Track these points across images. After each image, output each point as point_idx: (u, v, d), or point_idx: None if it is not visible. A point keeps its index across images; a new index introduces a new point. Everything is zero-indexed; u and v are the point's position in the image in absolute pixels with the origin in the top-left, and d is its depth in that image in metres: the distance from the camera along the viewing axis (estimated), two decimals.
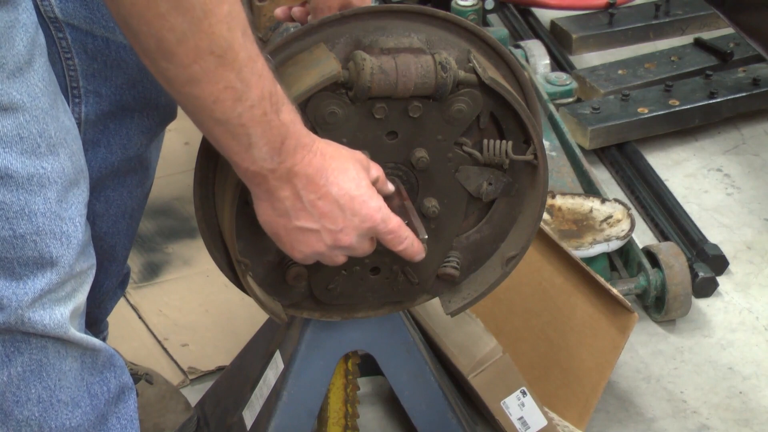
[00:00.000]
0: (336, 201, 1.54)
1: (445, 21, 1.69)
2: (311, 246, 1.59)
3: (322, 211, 1.54)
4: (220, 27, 1.36)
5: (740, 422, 2.37)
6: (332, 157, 1.54)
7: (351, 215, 1.56)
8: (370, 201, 1.57)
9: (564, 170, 2.79)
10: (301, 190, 1.52)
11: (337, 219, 1.56)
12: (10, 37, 1.43)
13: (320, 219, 1.55)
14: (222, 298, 2.59)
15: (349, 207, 1.55)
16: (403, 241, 1.62)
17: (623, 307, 2.28)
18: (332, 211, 1.55)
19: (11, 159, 1.46)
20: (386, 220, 1.59)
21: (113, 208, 1.99)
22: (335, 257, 1.62)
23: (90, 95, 1.86)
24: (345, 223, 1.56)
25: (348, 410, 2.04)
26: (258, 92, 1.42)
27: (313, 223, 1.56)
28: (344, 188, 1.54)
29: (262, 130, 1.45)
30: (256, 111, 1.43)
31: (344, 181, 1.54)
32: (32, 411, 1.60)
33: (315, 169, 1.52)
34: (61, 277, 1.54)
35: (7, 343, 1.55)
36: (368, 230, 1.59)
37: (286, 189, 1.52)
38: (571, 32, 3.59)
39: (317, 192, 1.53)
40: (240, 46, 1.39)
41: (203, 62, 1.37)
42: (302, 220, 1.55)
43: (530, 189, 1.80)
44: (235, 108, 1.42)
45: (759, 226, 2.91)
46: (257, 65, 1.42)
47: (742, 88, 3.23)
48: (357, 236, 1.59)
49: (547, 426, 2.21)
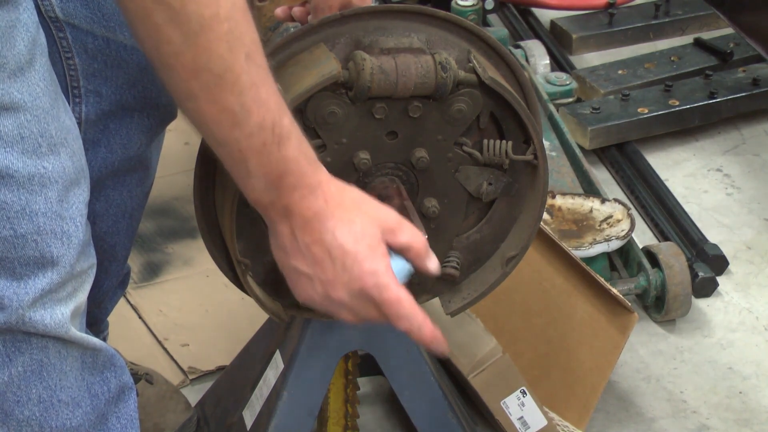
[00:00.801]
0: (328, 250, 1.47)
1: (445, 21, 1.69)
2: (306, 291, 1.53)
3: (315, 257, 1.48)
4: (218, 45, 1.34)
5: (740, 422, 2.37)
6: (339, 205, 1.47)
7: (341, 270, 1.47)
8: (364, 261, 1.47)
9: (564, 170, 2.79)
10: (296, 230, 1.47)
11: (327, 270, 1.48)
12: (11, 37, 1.43)
13: (313, 265, 1.49)
14: (222, 298, 2.59)
15: (340, 260, 1.47)
16: (403, 318, 1.49)
17: (623, 307, 2.28)
18: (324, 260, 1.47)
19: (12, 159, 1.46)
20: (381, 287, 1.47)
21: (113, 208, 1.99)
22: (336, 312, 1.53)
23: (90, 95, 1.86)
24: (335, 276, 1.48)
25: (348, 410, 2.04)
26: (258, 120, 1.38)
27: (307, 267, 1.50)
28: (339, 240, 1.46)
29: (258, 161, 1.41)
30: (255, 140, 1.39)
31: (343, 233, 1.46)
32: (33, 411, 1.60)
33: (313, 213, 1.46)
34: (62, 276, 1.54)
35: (7, 343, 1.55)
36: (359, 292, 1.48)
37: (284, 225, 1.48)
38: (571, 32, 3.59)
39: (311, 236, 1.47)
40: (241, 69, 1.36)
41: (201, 79, 1.35)
42: (297, 261, 1.50)
43: (530, 189, 1.80)
44: (233, 133, 1.38)
45: (759, 226, 2.91)
46: (261, 92, 1.38)
47: (742, 88, 3.23)
48: (349, 294, 1.49)
49: (547, 426, 2.21)
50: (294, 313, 1.85)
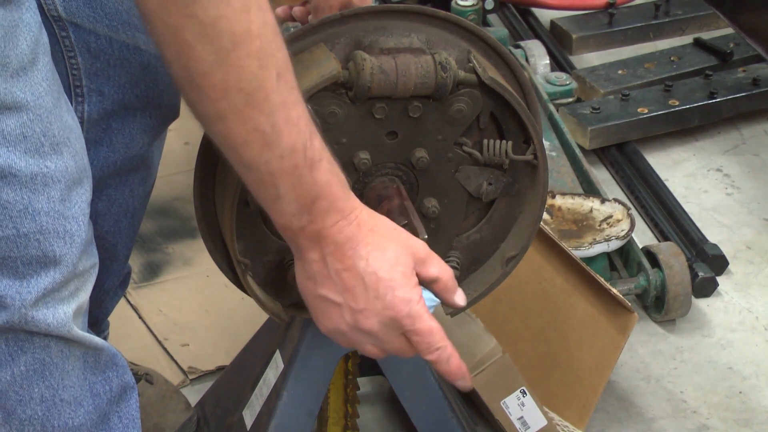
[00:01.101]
0: (361, 277, 1.44)
1: (445, 21, 1.70)
2: (333, 321, 1.50)
3: (346, 284, 1.45)
4: (249, 62, 1.32)
5: (740, 422, 2.37)
6: (372, 231, 1.45)
7: (374, 298, 1.45)
8: (399, 289, 1.44)
9: (564, 170, 2.79)
10: (327, 257, 1.45)
11: (359, 297, 1.45)
12: (13, 37, 1.43)
13: (343, 293, 1.46)
14: (222, 298, 2.59)
15: (373, 288, 1.44)
16: (434, 352, 1.48)
17: (623, 307, 2.28)
18: (355, 287, 1.45)
19: (15, 158, 1.46)
20: (414, 317, 1.46)
21: (115, 207, 1.99)
22: (362, 343, 1.51)
23: (93, 94, 1.86)
24: (366, 304, 1.45)
25: (348, 410, 2.04)
26: (290, 142, 1.37)
27: (336, 296, 1.47)
28: (373, 266, 1.44)
29: (291, 184, 1.39)
30: (286, 162, 1.37)
31: (376, 259, 1.44)
32: (35, 410, 1.60)
33: (346, 238, 1.43)
34: (64, 276, 1.54)
35: (10, 342, 1.55)
36: (391, 321, 1.46)
37: (314, 251, 1.45)
38: (571, 32, 3.59)
39: (344, 262, 1.44)
40: (272, 88, 1.34)
41: (231, 98, 1.32)
42: (326, 289, 1.47)
43: (530, 189, 1.80)
44: (263, 155, 1.36)
45: (759, 226, 2.91)
46: (292, 113, 1.37)
47: (742, 88, 3.23)
48: (379, 324, 1.46)
49: (547, 426, 2.21)
50: (294, 313, 1.85)
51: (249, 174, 1.40)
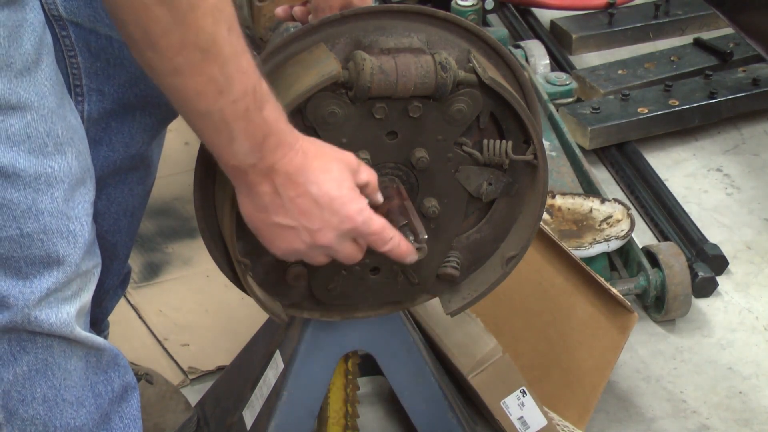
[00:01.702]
0: (315, 200, 1.53)
1: (445, 21, 1.70)
2: (289, 243, 1.57)
3: (301, 209, 1.53)
4: (205, 20, 1.36)
5: (740, 422, 2.37)
6: (315, 156, 1.53)
7: (330, 215, 1.54)
8: (350, 203, 1.55)
9: (564, 170, 2.79)
10: (279, 187, 1.51)
11: (314, 218, 1.54)
12: (17, 37, 1.44)
13: (298, 217, 1.54)
14: (222, 298, 2.59)
15: (327, 207, 1.54)
16: (388, 242, 1.60)
17: (623, 307, 2.28)
18: (311, 209, 1.53)
19: (19, 158, 1.46)
20: (367, 221, 1.57)
21: (115, 206, 2.00)
22: (315, 256, 1.61)
23: (93, 93, 1.86)
24: (323, 222, 1.54)
25: (348, 410, 2.04)
26: (241, 88, 1.42)
27: (291, 221, 1.54)
28: (324, 188, 1.53)
29: (243, 125, 1.44)
30: (239, 106, 1.43)
31: (325, 180, 1.53)
32: (37, 410, 1.60)
33: (295, 168, 1.51)
34: (67, 276, 1.54)
35: (13, 342, 1.55)
36: (348, 231, 1.57)
37: (265, 185, 1.51)
38: (571, 32, 3.59)
39: (296, 190, 1.52)
40: (224, 41, 1.39)
41: (187, 54, 1.37)
42: (280, 217, 1.54)
43: (530, 189, 1.80)
44: (217, 102, 1.41)
45: (759, 226, 2.91)
46: (242, 61, 1.42)
47: (742, 88, 3.23)
48: (336, 236, 1.57)
49: (547, 426, 2.21)
50: (294, 314, 1.85)
51: (202, 121, 1.44)
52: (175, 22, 1.35)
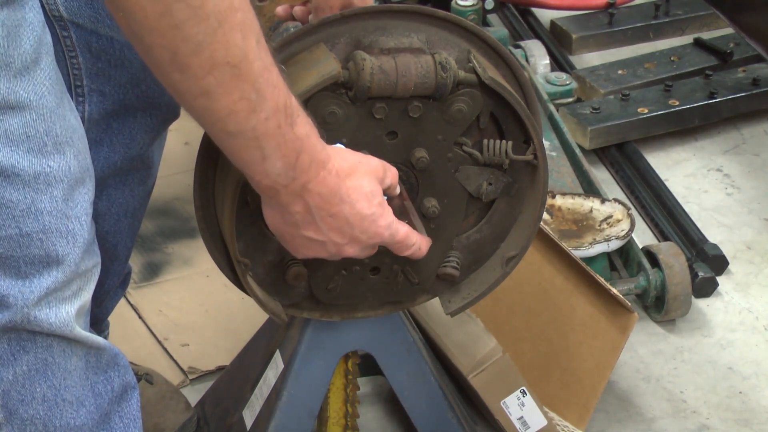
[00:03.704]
0: (347, 220, 1.55)
1: (445, 21, 1.70)
2: (315, 252, 1.60)
3: (331, 226, 1.55)
4: (234, 35, 1.33)
5: (740, 422, 2.37)
6: (348, 175, 1.53)
7: (360, 232, 1.57)
8: (380, 220, 1.57)
9: (564, 170, 2.79)
10: (313, 208, 1.52)
11: (345, 234, 1.57)
12: (17, 36, 1.44)
13: (328, 233, 1.56)
14: (222, 298, 2.59)
15: (358, 226, 1.56)
16: (411, 247, 1.63)
17: (623, 307, 2.28)
18: (342, 227, 1.56)
19: (18, 157, 1.46)
20: (394, 234, 1.60)
21: (115, 207, 2.00)
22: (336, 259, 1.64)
23: (94, 94, 1.86)
24: (352, 238, 1.57)
25: (348, 410, 2.04)
26: (273, 104, 1.40)
27: (321, 236, 1.56)
28: (357, 207, 1.54)
29: (276, 143, 1.43)
30: (271, 123, 1.40)
31: (357, 200, 1.54)
32: (37, 410, 1.60)
33: (329, 189, 1.51)
34: (67, 275, 1.54)
35: (12, 341, 1.55)
36: (375, 244, 1.61)
37: (298, 204, 1.52)
38: (571, 32, 3.59)
39: (329, 210, 1.53)
40: (255, 55, 1.36)
41: (218, 73, 1.34)
42: (310, 232, 1.56)
43: (530, 189, 1.80)
44: (249, 120, 1.39)
45: (759, 226, 2.91)
46: (272, 75, 1.39)
47: (742, 88, 3.23)
48: (361, 248, 1.61)
49: (547, 426, 2.21)
50: (294, 313, 1.85)
51: (234, 141, 1.42)
52: (206, 40, 1.32)
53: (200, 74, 1.34)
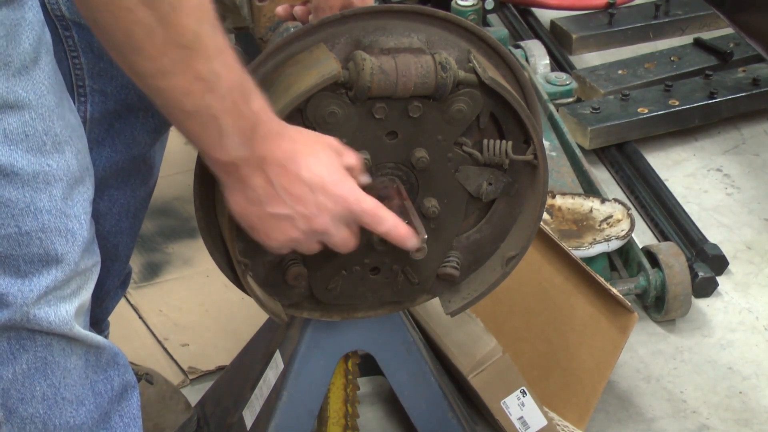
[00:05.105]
0: (308, 185, 1.53)
1: (445, 21, 1.70)
2: (286, 233, 1.56)
3: (294, 195, 1.53)
4: (188, 20, 1.37)
5: (740, 422, 2.37)
6: (303, 143, 1.54)
7: (323, 198, 1.54)
8: (341, 183, 1.55)
9: (564, 170, 2.79)
10: (272, 177, 1.51)
11: (309, 203, 1.53)
12: (16, 35, 1.44)
13: (293, 204, 1.53)
14: (222, 298, 2.59)
15: (321, 190, 1.53)
16: (384, 222, 1.59)
17: (623, 307, 2.28)
18: (304, 195, 1.53)
19: (17, 156, 1.46)
20: (360, 200, 1.56)
21: (117, 207, 2.00)
22: (311, 244, 1.60)
23: (95, 94, 1.86)
24: (317, 206, 1.54)
25: (348, 410, 2.04)
26: (227, 83, 1.42)
27: (286, 209, 1.53)
28: (315, 171, 1.53)
29: (233, 119, 1.44)
30: (227, 101, 1.43)
31: (315, 164, 1.53)
32: (37, 408, 1.61)
33: (286, 155, 1.51)
34: (66, 274, 1.54)
35: (12, 340, 1.55)
36: (342, 212, 1.56)
37: (257, 177, 1.51)
38: (571, 32, 3.59)
39: (288, 177, 1.52)
40: (209, 38, 1.39)
41: (172, 55, 1.37)
42: (274, 206, 1.53)
43: (530, 189, 1.80)
44: (205, 99, 1.41)
45: (759, 226, 2.91)
46: (226, 57, 1.42)
47: (742, 88, 3.23)
48: (331, 220, 1.56)
49: (547, 426, 2.21)
50: (294, 313, 1.85)
51: (190, 121, 1.44)
52: (158, 23, 1.35)
53: (155, 55, 1.37)
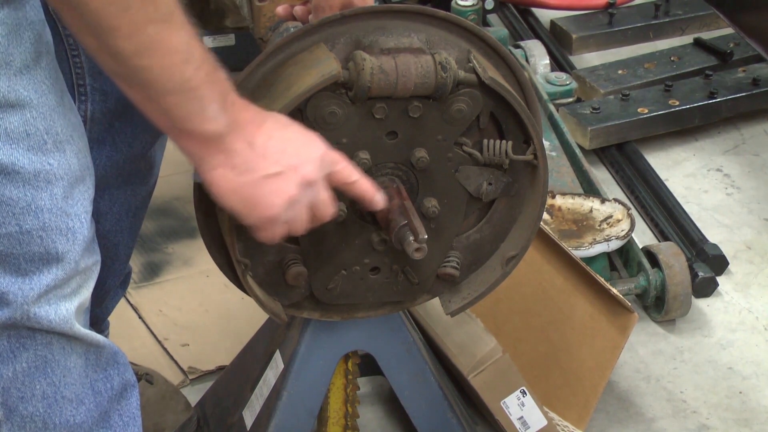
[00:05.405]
0: (285, 137, 1.54)
1: (445, 21, 1.70)
2: (283, 192, 1.54)
3: (277, 149, 1.53)
4: None
5: (740, 422, 2.38)
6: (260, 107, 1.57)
7: (302, 146, 1.55)
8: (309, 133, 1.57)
9: (564, 170, 2.79)
10: (250, 138, 1.51)
11: (291, 154, 1.54)
12: (17, 35, 1.44)
13: (279, 158, 1.53)
14: (222, 298, 2.59)
15: (299, 138, 1.55)
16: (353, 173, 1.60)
17: (623, 307, 2.28)
18: (285, 147, 1.53)
19: (18, 155, 1.46)
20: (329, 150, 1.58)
21: (117, 206, 2.00)
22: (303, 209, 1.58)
23: (96, 93, 1.87)
24: (299, 156, 1.54)
25: (348, 410, 2.04)
26: (199, 53, 1.43)
27: (275, 165, 1.53)
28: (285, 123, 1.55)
29: (209, 88, 1.45)
30: (202, 71, 1.43)
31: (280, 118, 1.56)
32: (37, 407, 1.61)
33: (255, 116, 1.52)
34: (66, 272, 1.54)
35: (12, 338, 1.55)
36: (322, 158, 1.56)
37: (239, 141, 1.50)
38: (571, 32, 3.59)
39: (264, 134, 1.52)
40: (179, 9, 1.40)
41: (149, 30, 1.37)
42: (263, 167, 1.52)
43: (530, 189, 1.80)
44: (185, 72, 1.42)
45: (759, 226, 2.91)
46: (191, 29, 1.43)
47: (742, 88, 3.24)
48: (316, 168, 1.55)
49: (547, 426, 2.21)
50: (294, 313, 1.85)
51: (172, 97, 1.43)
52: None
53: (131, 33, 1.37)
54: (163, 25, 1.38)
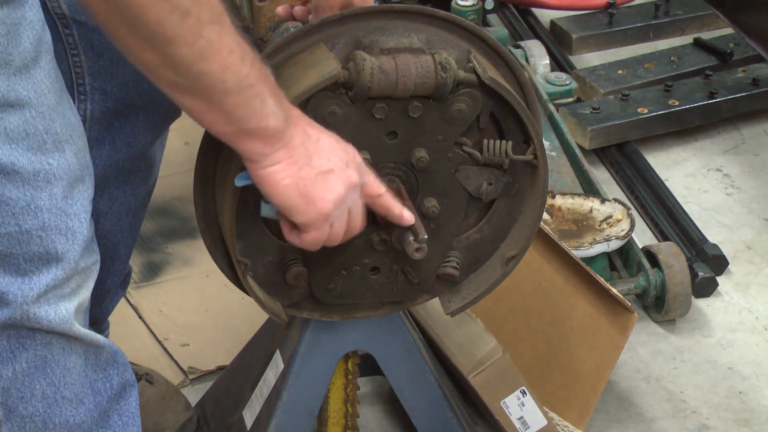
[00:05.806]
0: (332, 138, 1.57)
1: (445, 21, 1.70)
2: (334, 189, 1.56)
3: (327, 147, 1.56)
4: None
5: (740, 422, 2.37)
6: None
7: (341, 150, 1.58)
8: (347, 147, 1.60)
9: (564, 170, 2.79)
10: (307, 132, 1.54)
11: (337, 153, 1.57)
12: (16, 35, 1.44)
13: (329, 155, 1.55)
14: (222, 298, 2.59)
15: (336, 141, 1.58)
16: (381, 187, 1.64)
17: (623, 307, 2.28)
18: (332, 145, 1.56)
19: (17, 155, 1.46)
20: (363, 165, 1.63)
21: (117, 206, 2.00)
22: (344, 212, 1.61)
23: (95, 92, 1.87)
24: (342, 157, 1.57)
25: (348, 410, 2.04)
26: (249, 50, 1.44)
27: (327, 162, 1.55)
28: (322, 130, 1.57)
29: (264, 84, 1.46)
30: (256, 67, 1.45)
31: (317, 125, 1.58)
32: (36, 407, 1.61)
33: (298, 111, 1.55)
34: (66, 272, 1.54)
35: (12, 338, 1.55)
36: (360, 164, 1.60)
37: (297, 135, 1.52)
38: (571, 32, 3.59)
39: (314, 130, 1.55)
40: (225, 9, 1.40)
41: (207, 33, 1.37)
42: (319, 162, 1.54)
43: (530, 189, 1.80)
44: (242, 69, 1.42)
45: (759, 226, 2.91)
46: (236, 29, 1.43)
47: (742, 88, 3.23)
48: (356, 171, 1.59)
49: (547, 426, 2.21)
50: (294, 313, 1.85)
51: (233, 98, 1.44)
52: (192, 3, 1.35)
53: (191, 39, 1.37)
54: (218, 26, 1.39)
